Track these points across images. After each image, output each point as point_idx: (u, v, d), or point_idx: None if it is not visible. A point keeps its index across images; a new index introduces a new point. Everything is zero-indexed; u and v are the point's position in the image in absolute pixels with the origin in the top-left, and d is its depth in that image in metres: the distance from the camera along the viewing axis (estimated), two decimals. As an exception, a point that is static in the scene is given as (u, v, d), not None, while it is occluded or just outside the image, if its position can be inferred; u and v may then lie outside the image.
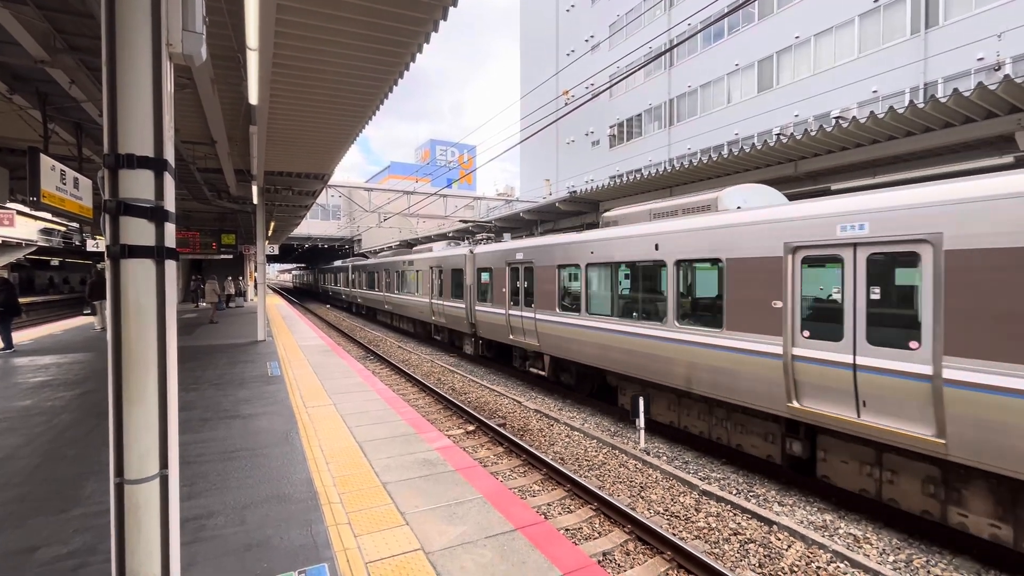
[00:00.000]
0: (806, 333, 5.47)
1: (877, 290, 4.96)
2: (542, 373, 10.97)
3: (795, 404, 5.52)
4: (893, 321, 4.88)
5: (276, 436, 5.85)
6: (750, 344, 5.97)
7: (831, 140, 8.52)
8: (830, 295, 5.56)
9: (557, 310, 9.87)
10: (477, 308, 13.44)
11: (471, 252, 13.90)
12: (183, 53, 2.23)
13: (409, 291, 19.62)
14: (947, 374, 4.33)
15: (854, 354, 5.02)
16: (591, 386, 10.33)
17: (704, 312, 7.07)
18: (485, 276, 13.10)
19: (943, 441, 4.35)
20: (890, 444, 4.80)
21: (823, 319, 5.45)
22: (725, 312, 6.32)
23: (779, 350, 5.62)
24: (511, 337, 11.68)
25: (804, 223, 5.45)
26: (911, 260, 4.68)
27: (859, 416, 4.98)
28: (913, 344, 4.62)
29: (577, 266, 9.33)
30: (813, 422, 5.43)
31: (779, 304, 5.65)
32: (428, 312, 17.35)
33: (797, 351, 5.48)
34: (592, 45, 35.19)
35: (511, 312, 11.59)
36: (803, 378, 5.44)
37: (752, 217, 6.07)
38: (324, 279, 45.93)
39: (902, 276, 4.94)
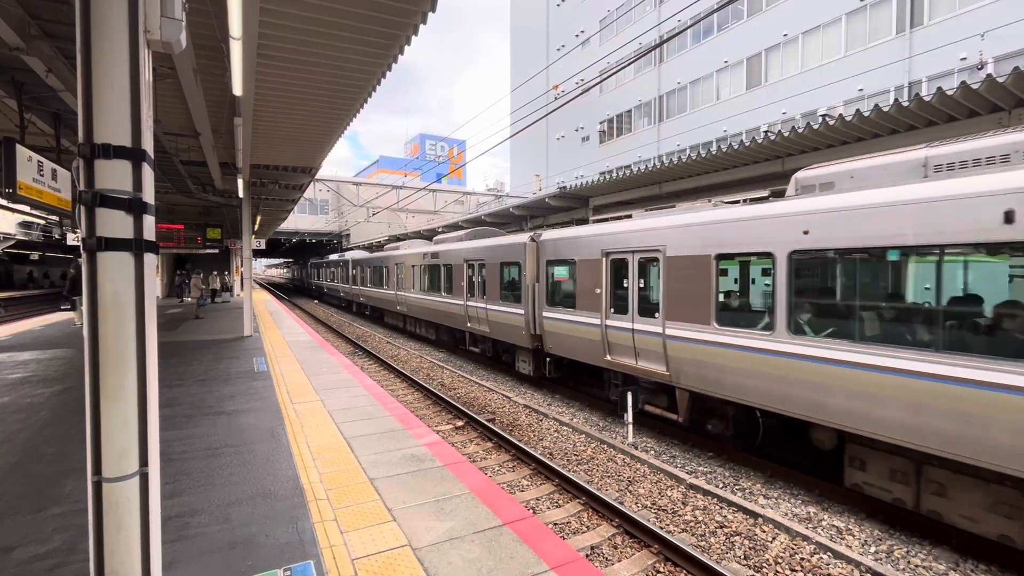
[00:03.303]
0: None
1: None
2: (668, 415, 7.60)
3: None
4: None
5: (262, 432, 5.79)
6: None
7: (818, 138, 8.61)
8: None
9: (714, 323, 6.52)
10: (546, 315, 10.15)
11: (534, 240, 10.70)
12: (162, 40, 2.17)
13: (433, 291, 15.94)
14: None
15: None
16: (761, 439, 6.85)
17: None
18: (561, 272, 9.95)
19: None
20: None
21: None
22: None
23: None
24: (609, 358, 8.38)
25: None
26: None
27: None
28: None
29: (767, 256, 5.88)
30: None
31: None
32: (461, 318, 13.97)
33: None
34: (582, 40, 35.12)
35: (613, 323, 8.32)
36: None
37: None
38: (318, 275, 40.71)
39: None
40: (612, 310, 8.40)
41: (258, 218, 22.02)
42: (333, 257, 36.23)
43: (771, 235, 5.82)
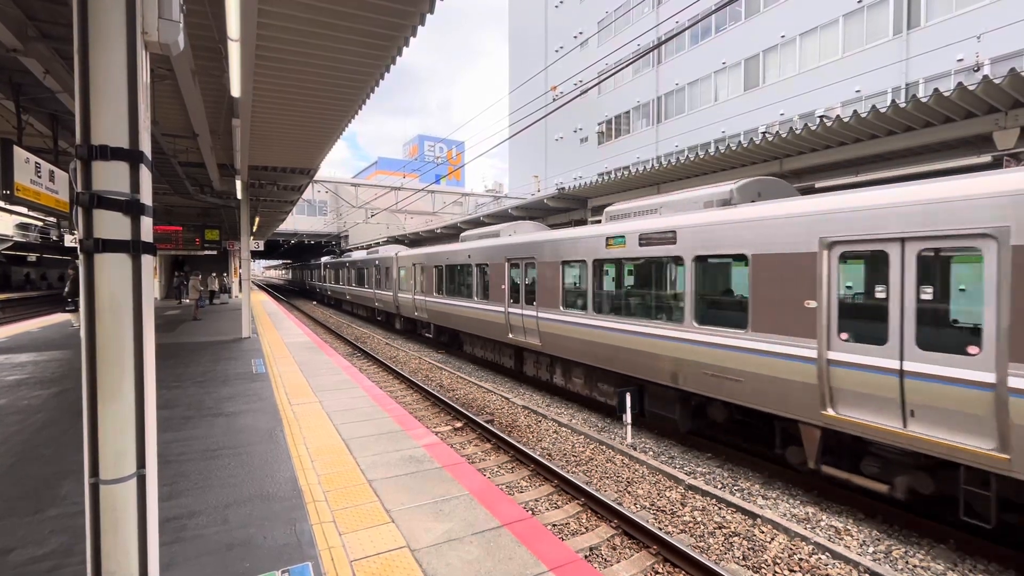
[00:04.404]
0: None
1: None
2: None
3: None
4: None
5: (260, 434, 5.78)
6: None
7: (815, 139, 8.63)
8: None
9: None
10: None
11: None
12: (159, 42, 2.17)
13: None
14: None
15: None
16: None
17: None
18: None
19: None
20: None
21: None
22: None
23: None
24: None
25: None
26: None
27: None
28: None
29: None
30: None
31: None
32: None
33: None
34: (580, 42, 35.17)
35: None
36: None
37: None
38: (334, 277, 32.85)
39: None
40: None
41: (256, 219, 21.99)
42: (358, 255, 27.86)
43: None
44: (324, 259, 38.27)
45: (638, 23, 30.94)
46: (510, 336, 11.33)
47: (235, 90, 6.45)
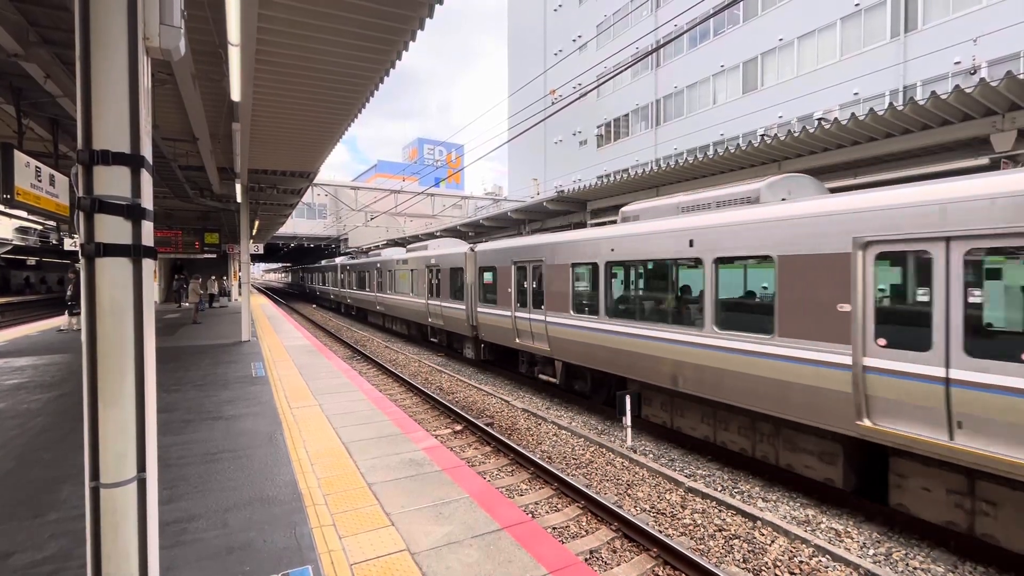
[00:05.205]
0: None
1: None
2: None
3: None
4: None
5: (260, 437, 5.77)
6: None
7: (813, 141, 8.66)
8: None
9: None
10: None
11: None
12: (161, 47, 2.18)
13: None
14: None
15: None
16: None
17: None
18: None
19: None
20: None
21: None
22: None
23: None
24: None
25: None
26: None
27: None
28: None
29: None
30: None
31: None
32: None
33: None
34: (579, 45, 35.29)
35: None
36: None
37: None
38: (342, 281, 29.64)
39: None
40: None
41: (256, 223, 22.00)
42: (390, 254, 21.66)
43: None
44: (339, 259, 32.77)
45: (637, 26, 31.07)
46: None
47: (235, 94, 6.47)
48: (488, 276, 12.52)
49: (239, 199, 13.58)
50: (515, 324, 11.01)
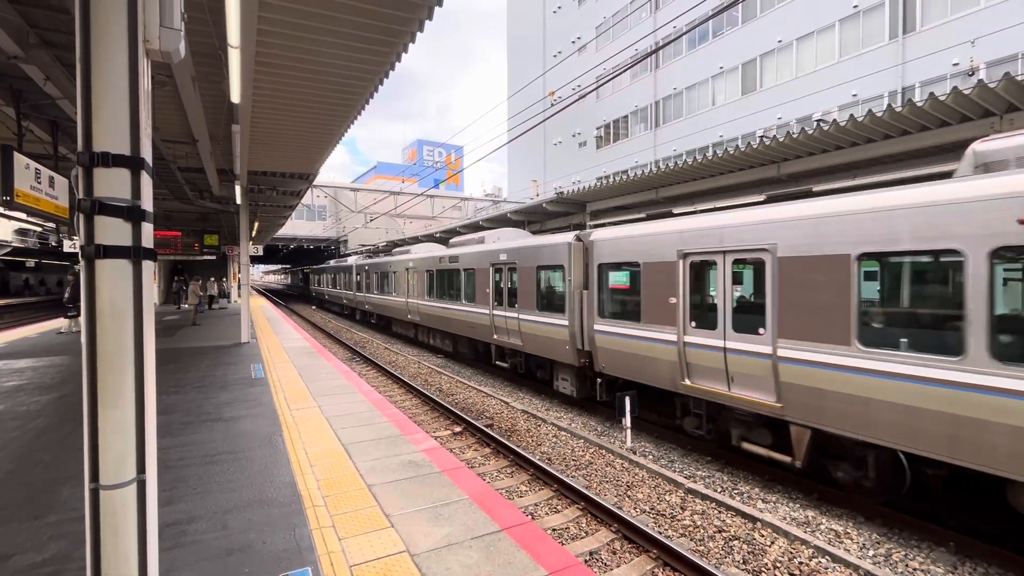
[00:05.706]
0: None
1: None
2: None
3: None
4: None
5: (259, 439, 5.77)
6: None
7: (812, 142, 8.66)
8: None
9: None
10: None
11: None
12: (161, 49, 2.18)
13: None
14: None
15: None
16: None
17: None
18: None
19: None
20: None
21: None
22: None
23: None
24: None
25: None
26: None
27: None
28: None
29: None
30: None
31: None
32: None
33: None
34: (579, 46, 35.34)
35: None
36: None
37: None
38: (361, 284, 25.19)
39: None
40: None
41: (255, 224, 22.01)
42: (425, 251, 17.83)
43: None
44: (352, 259, 27.68)
45: (636, 28, 31.12)
46: None
47: (235, 96, 6.48)
48: (619, 278, 8.68)
49: (239, 201, 13.59)
50: (682, 355, 7.03)
